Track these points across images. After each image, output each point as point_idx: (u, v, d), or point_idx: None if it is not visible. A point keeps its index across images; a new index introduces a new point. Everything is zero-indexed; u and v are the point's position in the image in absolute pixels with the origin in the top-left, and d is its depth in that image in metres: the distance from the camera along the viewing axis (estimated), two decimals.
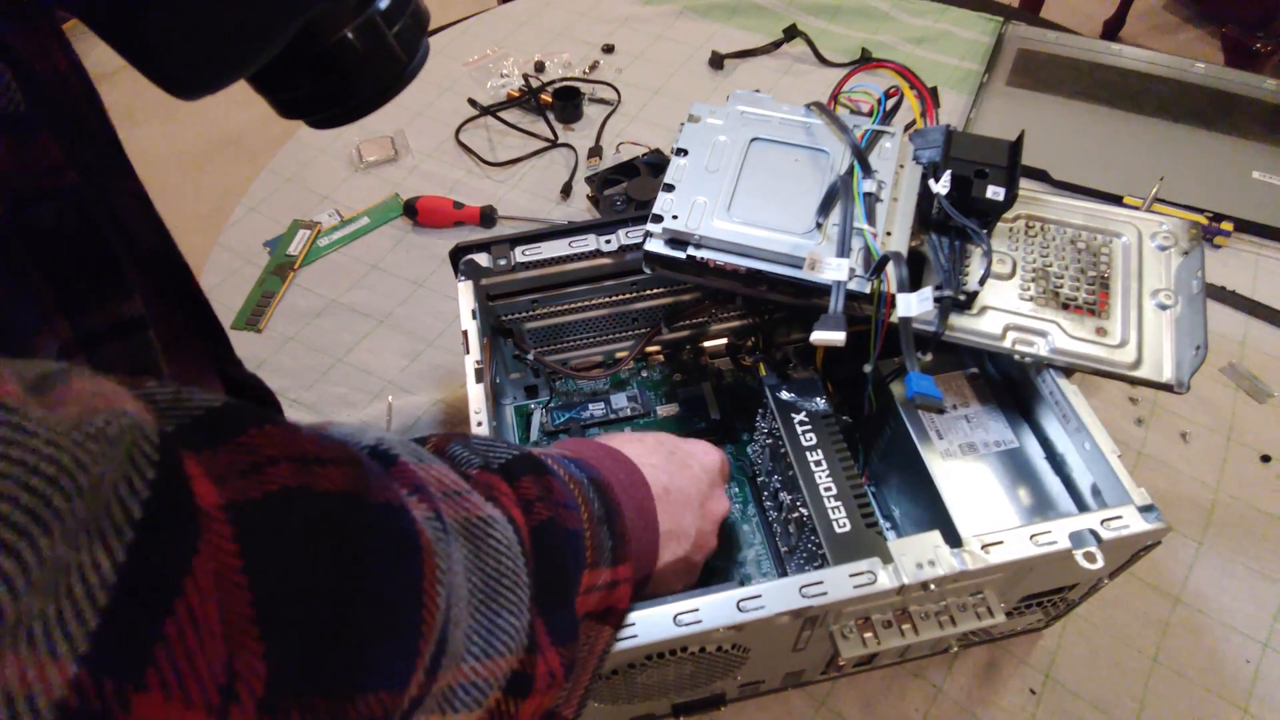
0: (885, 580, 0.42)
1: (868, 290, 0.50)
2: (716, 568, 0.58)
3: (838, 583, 0.42)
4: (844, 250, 0.51)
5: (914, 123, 0.61)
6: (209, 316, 0.46)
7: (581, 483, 0.39)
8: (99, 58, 0.44)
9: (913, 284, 0.51)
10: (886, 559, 0.43)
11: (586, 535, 0.37)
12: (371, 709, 0.23)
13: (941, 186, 0.53)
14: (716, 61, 1.05)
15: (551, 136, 0.96)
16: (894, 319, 0.50)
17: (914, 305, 0.50)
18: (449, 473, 0.31)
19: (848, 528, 0.48)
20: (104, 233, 0.30)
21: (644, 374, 0.70)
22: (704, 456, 0.50)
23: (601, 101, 1.01)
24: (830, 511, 0.49)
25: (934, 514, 0.52)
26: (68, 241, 0.29)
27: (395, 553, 0.25)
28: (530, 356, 0.64)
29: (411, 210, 0.87)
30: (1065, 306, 0.53)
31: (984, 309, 0.53)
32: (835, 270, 0.50)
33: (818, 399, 0.55)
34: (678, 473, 0.46)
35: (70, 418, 0.17)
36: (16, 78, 0.26)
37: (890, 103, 0.59)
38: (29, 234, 0.27)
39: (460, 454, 0.35)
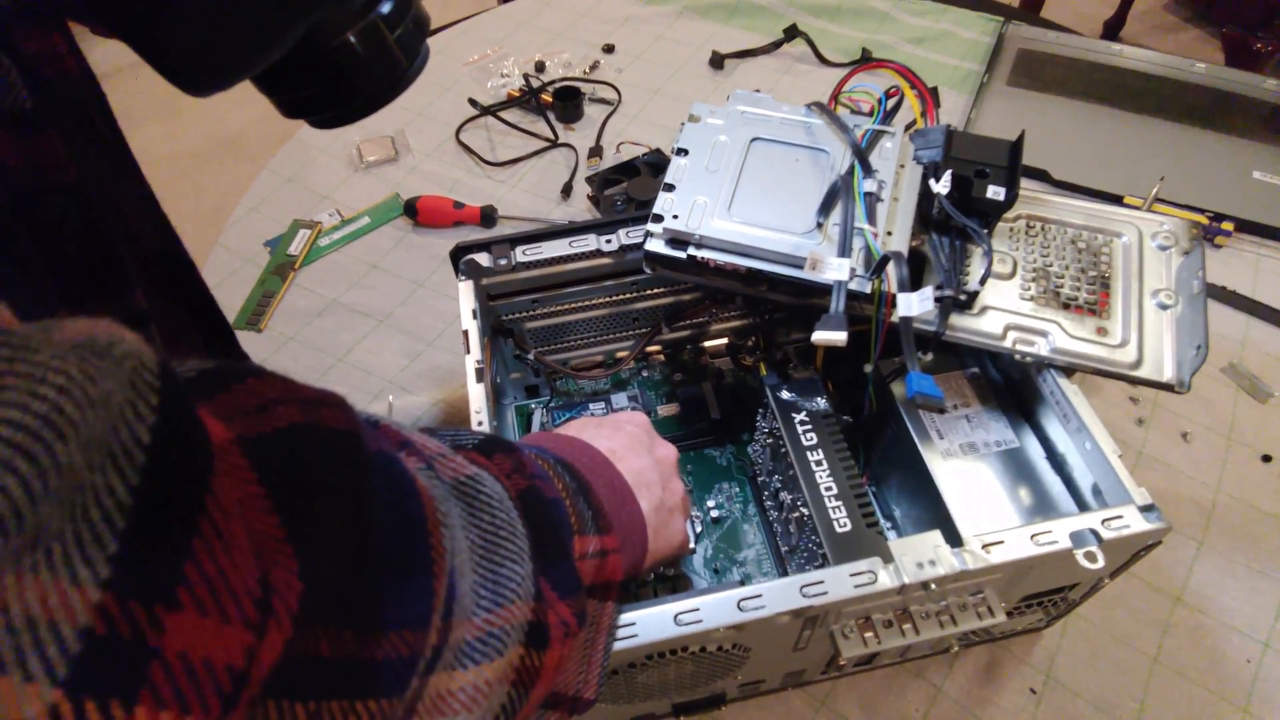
0: (886, 580, 0.42)
1: (868, 290, 0.50)
2: (717, 568, 0.58)
3: (838, 582, 0.42)
4: (845, 250, 0.51)
5: (914, 123, 0.61)
6: (215, 314, 0.46)
7: (548, 461, 0.40)
8: (96, 59, 0.44)
9: (913, 284, 0.51)
10: (887, 559, 0.43)
11: (566, 504, 0.37)
12: (397, 647, 0.23)
13: (942, 186, 0.53)
14: (717, 61, 1.05)
15: (552, 136, 0.96)
16: (894, 319, 0.50)
17: (915, 305, 0.50)
18: (430, 439, 0.32)
19: (848, 527, 0.48)
20: (107, 229, 0.30)
21: (644, 374, 0.70)
22: (628, 417, 0.51)
23: (602, 101, 1.01)
24: (831, 511, 0.49)
25: (934, 514, 0.52)
26: (71, 236, 0.29)
27: (396, 493, 0.25)
28: (531, 356, 0.64)
29: (412, 210, 0.87)
30: (1066, 306, 0.53)
31: (984, 309, 0.53)
32: (836, 270, 0.50)
33: (818, 399, 0.55)
34: (615, 435, 0.47)
35: (70, 337, 0.16)
36: (24, 77, 0.27)
37: (891, 103, 0.59)
38: (33, 227, 0.27)
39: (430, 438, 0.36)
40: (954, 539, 0.44)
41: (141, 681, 0.16)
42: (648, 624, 0.41)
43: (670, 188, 0.55)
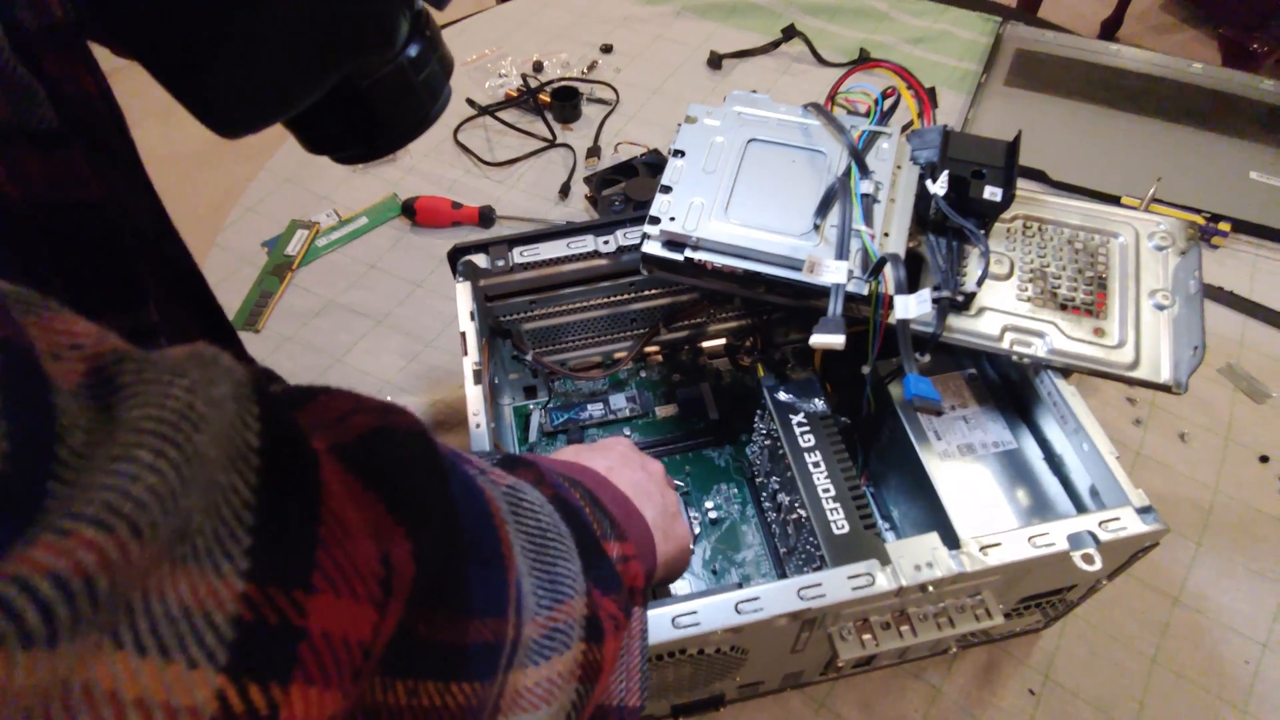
0: (883, 582, 0.42)
1: (866, 292, 0.50)
2: (716, 569, 0.58)
3: (836, 584, 0.42)
4: (842, 252, 0.51)
5: (911, 123, 0.61)
6: (221, 320, 0.47)
7: (560, 475, 0.40)
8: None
9: (911, 285, 0.51)
10: (885, 561, 0.43)
11: (587, 511, 0.38)
12: (482, 633, 0.24)
13: (939, 187, 0.53)
14: (715, 61, 1.05)
15: (550, 136, 0.96)
16: (892, 320, 0.50)
17: (912, 307, 0.50)
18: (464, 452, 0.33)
19: (846, 529, 0.48)
20: (124, 244, 0.31)
21: (642, 374, 0.70)
22: (614, 441, 0.52)
23: (600, 101, 1.01)
24: (829, 513, 0.49)
25: (932, 515, 0.52)
26: (89, 251, 0.30)
27: (467, 489, 0.26)
28: (529, 357, 0.64)
29: (410, 210, 0.87)
30: (1063, 307, 0.53)
31: (982, 310, 0.53)
32: (834, 272, 0.50)
33: (816, 400, 0.55)
34: (607, 454, 0.48)
35: (180, 355, 0.18)
36: (50, 97, 0.28)
37: (887, 103, 0.59)
38: (53, 241, 0.28)
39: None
40: (952, 541, 0.44)
41: (294, 661, 0.17)
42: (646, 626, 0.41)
43: (667, 189, 0.55)
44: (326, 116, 0.39)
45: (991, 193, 0.53)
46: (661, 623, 0.41)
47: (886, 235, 0.53)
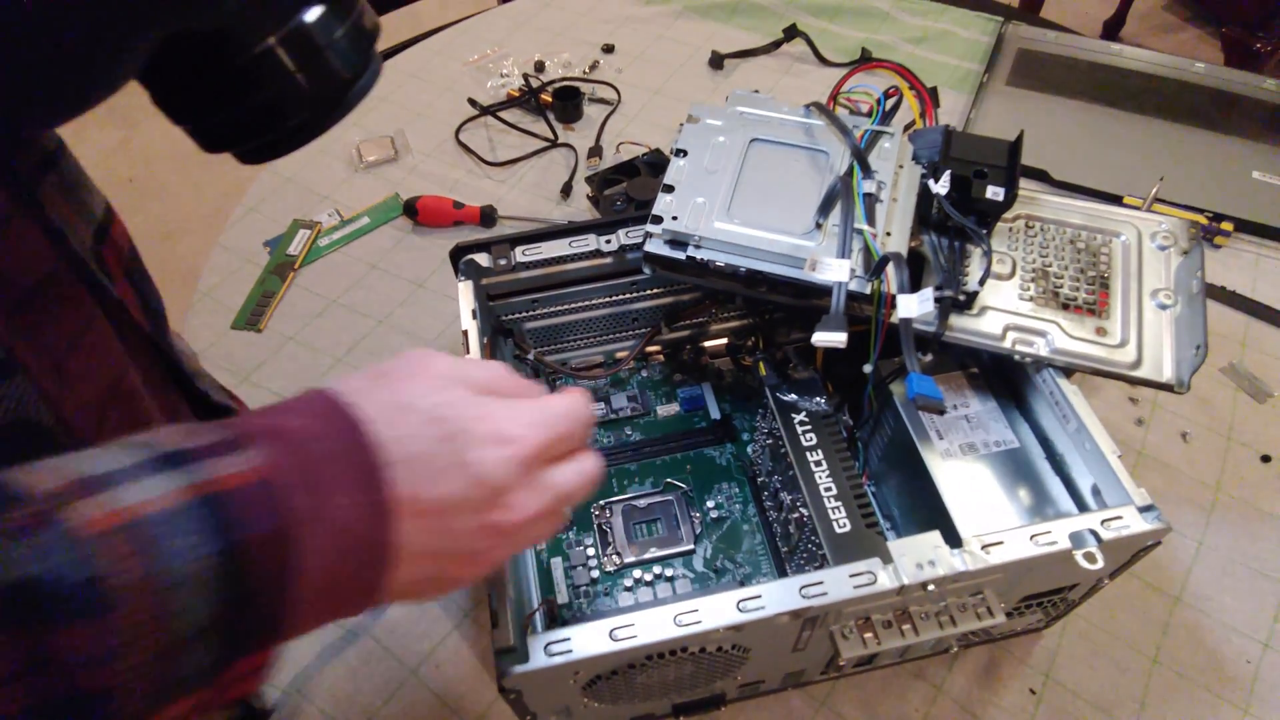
0: (885, 580, 0.42)
1: (868, 291, 0.50)
2: (717, 568, 0.58)
3: (838, 583, 0.42)
4: (844, 251, 0.51)
5: (913, 123, 0.61)
6: (172, 359, 0.44)
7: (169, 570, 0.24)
8: None
9: (913, 284, 0.51)
10: (886, 559, 0.43)
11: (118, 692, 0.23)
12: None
13: (941, 187, 0.53)
14: (716, 61, 1.05)
15: (551, 136, 0.96)
16: (894, 319, 0.50)
17: (914, 306, 0.50)
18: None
19: (848, 528, 0.48)
20: None
21: (644, 374, 0.70)
22: (419, 358, 0.34)
23: (601, 101, 1.01)
24: (830, 512, 0.49)
25: (934, 514, 0.52)
26: None
27: None
28: (530, 356, 0.64)
29: (411, 210, 0.87)
30: (1065, 306, 0.53)
31: (984, 309, 0.53)
32: (836, 271, 0.50)
33: (818, 399, 0.55)
34: (397, 380, 0.32)
35: None
36: None
37: (889, 103, 0.59)
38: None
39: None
40: (953, 539, 0.44)
41: None
42: (647, 624, 0.41)
43: (669, 189, 0.55)
44: (212, 99, 0.33)
45: (994, 192, 0.53)
46: (663, 620, 0.41)
47: (889, 235, 0.53)
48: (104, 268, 0.39)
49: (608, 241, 0.59)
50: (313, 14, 0.32)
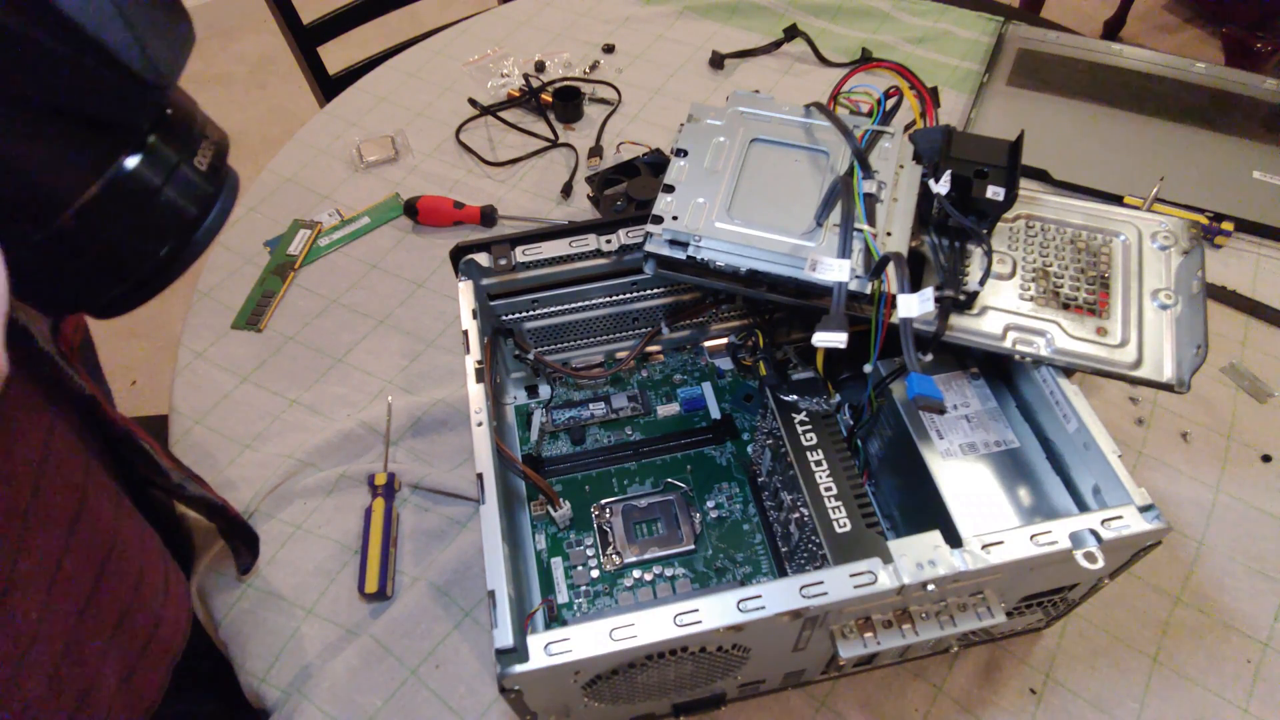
0: (885, 580, 0.42)
1: (868, 291, 0.50)
2: (717, 567, 0.58)
3: (838, 583, 0.42)
4: (844, 251, 0.51)
5: (914, 123, 0.61)
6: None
7: None
8: None
9: (913, 284, 0.51)
10: (887, 559, 0.43)
11: None
12: None
13: (941, 186, 0.53)
14: (717, 61, 1.05)
15: (552, 136, 0.96)
16: (894, 319, 0.50)
17: (915, 306, 0.50)
18: None
19: (848, 528, 0.48)
20: None
21: (644, 374, 0.70)
22: None
23: (602, 101, 1.01)
24: (830, 511, 0.49)
25: (934, 514, 0.52)
26: None
27: None
28: (531, 356, 0.64)
29: (412, 210, 0.87)
30: (1065, 306, 0.53)
31: (984, 309, 0.53)
32: (836, 271, 0.50)
33: (818, 399, 0.55)
34: None
35: None
36: None
37: (890, 103, 0.59)
38: None
39: None
40: (954, 539, 0.44)
41: None
42: (647, 624, 0.41)
43: (670, 189, 0.55)
44: (42, 268, 0.29)
45: (994, 192, 0.53)
46: (663, 620, 0.41)
47: (889, 234, 0.53)
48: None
49: (608, 241, 0.59)
50: (129, 164, 0.30)
